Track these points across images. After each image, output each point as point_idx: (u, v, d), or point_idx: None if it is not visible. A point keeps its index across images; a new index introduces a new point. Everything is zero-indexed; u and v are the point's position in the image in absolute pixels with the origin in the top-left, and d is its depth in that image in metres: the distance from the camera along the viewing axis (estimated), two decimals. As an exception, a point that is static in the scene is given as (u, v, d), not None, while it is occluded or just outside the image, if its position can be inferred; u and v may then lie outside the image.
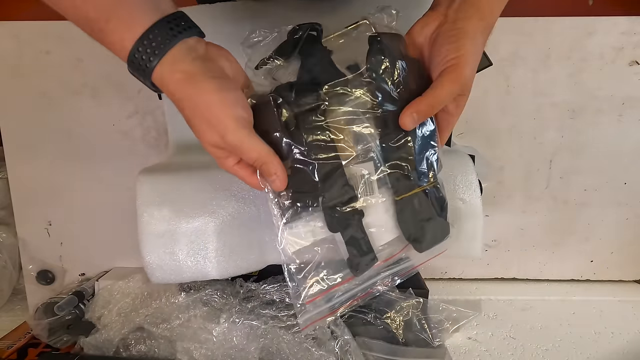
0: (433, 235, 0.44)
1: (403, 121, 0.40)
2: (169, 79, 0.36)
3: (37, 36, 0.77)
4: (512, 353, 0.69)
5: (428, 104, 0.40)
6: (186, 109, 0.37)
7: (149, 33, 0.34)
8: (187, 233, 0.54)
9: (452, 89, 0.39)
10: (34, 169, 0.80)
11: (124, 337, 0.62)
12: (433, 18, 0.42)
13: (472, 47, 0.39)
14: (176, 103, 0.37)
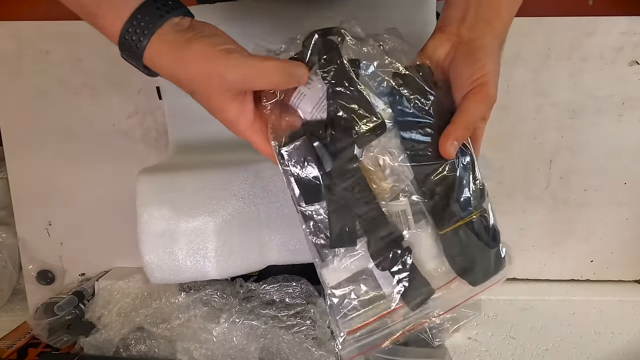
0: (485, 268, 0.42)
1: (446, 150, 0.39)
2: (157, 51, 0.35)
3: (37, 36, 0.77)
4: (512, 353, 0.69)
5: (464, 127, 0.39)
6: (181, 74, 0.36)
7: (137, 14, 0.34)
8: (186, 233, 0.54)
9: (482, 108, 0.39)
10: (34, 169, 0.80)
11: (124, 337, 0.62)
12: (445, 39, 0.42)
13: (494, 64, 0.40)
14: (172, 75, 0.36)
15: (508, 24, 0.42)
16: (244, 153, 0.60)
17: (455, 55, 0.41)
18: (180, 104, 0.66)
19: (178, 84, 0.37)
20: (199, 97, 0.37)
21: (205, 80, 0.35)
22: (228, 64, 0.35)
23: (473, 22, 0.40)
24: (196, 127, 0.65)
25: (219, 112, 0.38)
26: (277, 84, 0.37)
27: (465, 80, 0.39)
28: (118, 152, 0.79)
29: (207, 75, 0.35)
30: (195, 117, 0.66)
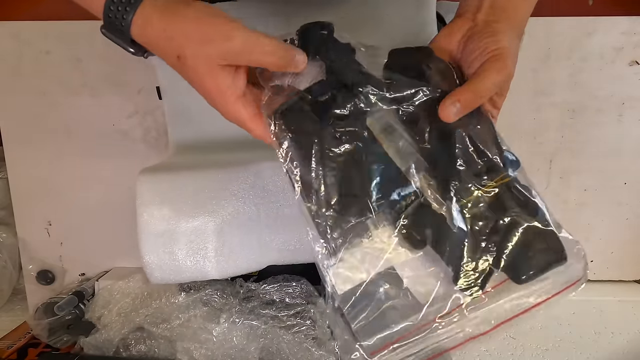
0: (526, 258, 0.31)
1: (445, 111, 0.34)
2: (148, 16, 0.33)
3: (37, 36, 0.77)
4: (512, 353, 0.69)
5: (472, 91, 0.36)
6: (176, 38, 0.33)
7: None
8: (186, 233, 0.54)
9: (498, 78, 0.36)
10: (34, 169, 0.80)
11: (124, 337, 0.62)
12: (460, 24, 0.41)
13: (510, 42, 0.38)
14: (165, 37, 0.34)
15: (526, 17, 0.42)
16: (244, 153, 0.60)
17: (469, 37, 0.40)
18: (180, 104, 0.66)
19: (166, 50, 0.34)
20: (189, 61, 0.34)
21: (204, 41, 0.33)
22: (233, 28, 0.33)
23: (490, 9, 0.40)
24: (196, 127, 0.65)
25: (209, 79, 0.34)
26: (276, 63, 0.35)
27: (482, 52, 0.37)
28: (118, 152, 0.79)
29: (207, 35, 0.33)
30: (195, 117, 0.66)
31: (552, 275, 0.33)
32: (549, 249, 0.32)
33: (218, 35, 0.33)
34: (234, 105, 0.36)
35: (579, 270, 0.33)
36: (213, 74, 0.34)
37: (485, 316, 0.34)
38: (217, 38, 0.33)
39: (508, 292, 0.33)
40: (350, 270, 0.33)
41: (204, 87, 0.35)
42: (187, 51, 0.33)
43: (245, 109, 0.36)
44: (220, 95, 0.35)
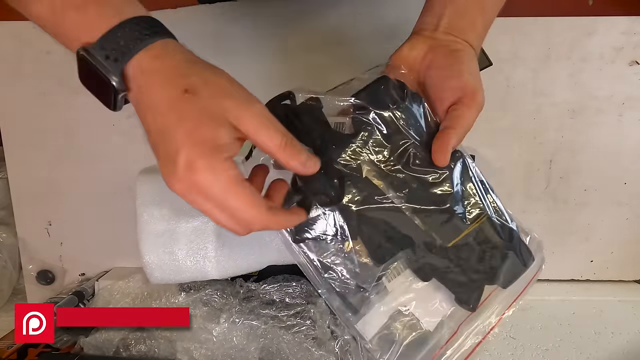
0: (510, 268, 0.41)
1: (444, 158, 0.38)
2: (173, 51, 0.31)
3: (37, 36, 0.77)
4: (512, 353, 0.69)
5: (459, 135, 0.39)
6: (191, 77, 0.30)
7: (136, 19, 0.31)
8: (186, 233, 0.54)
9: (475, 115, 0.39)
10: (34, 169, 0.80)
11: (124, 337, 0.62)
12: (421, 41, 0.41)
13: (477, 68, 0.40)
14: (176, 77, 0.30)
15: (483, 32, 0.42)
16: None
17: (433, 58, 0.40)
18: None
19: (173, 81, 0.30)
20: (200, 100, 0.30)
21: (225, 94, 0.31)
22: (253, 98, 0.32)
23: (448, 28, 0.40)
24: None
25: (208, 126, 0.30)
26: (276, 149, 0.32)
27: (454, 85, 0.39)
28: (118, 152, 0.79)
29: (228, 90, 0.31)
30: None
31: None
32: (523, 257, 0.42)
33: (239, 97, 0.31)
34: (225, 162, 0.30)
35: (541, 257, 0.45)
36: (217, 122, 0.30)
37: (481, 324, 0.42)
38: (238, 99, 0.31)
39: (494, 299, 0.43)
40: (372, 318, 0.40)
41: (199, 133, 0.30)
42: (204, 88, 0.30)
43: (233, 169, 0.31)
44: (214, 149, 0.30)
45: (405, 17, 0.46)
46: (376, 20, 0.70)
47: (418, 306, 0.41)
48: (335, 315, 0.60)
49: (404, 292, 0.41)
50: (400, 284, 0.41)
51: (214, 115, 0.30)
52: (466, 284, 0.40)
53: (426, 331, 0.40)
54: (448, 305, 0.41)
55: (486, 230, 0.40)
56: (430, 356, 0.40)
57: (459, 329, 0.41)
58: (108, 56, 0.30)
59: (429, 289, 0.41)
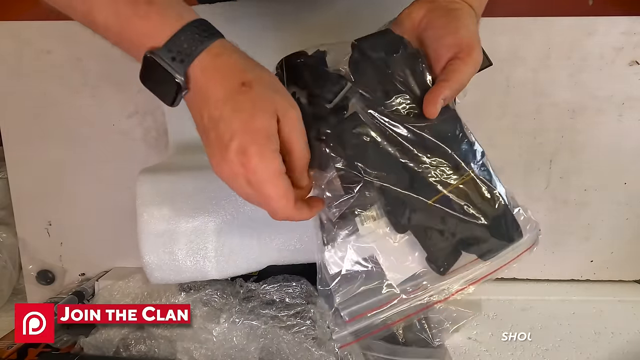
0: (489, 239, 0.38)
1: (433, 108, 0.37)
2: (229, 50, 0.34)
3: (37, 36, 0.77)
4: (512, 353, 0.69)
5: (453, 88, 0.37)
6: (249, 73, 0.34)
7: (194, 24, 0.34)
8: (186, 233, 0.54)
9: (471, 71, 0.38)
10: (34, 169, 0.80)
11: (124, 337, 0.62)
12: (419, 5, 0.41)
13: (474, 28, 0.39)
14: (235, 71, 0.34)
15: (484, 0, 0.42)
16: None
17: (431, 18, 0.40)
18: (181, 104, 0.66)
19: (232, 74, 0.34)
20: (254, 91, 0.33)
21: (275, 90, 0.35)
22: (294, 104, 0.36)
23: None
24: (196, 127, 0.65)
25: (261, 116, 0.33)
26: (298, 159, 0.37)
27: (451, 42, 0.38)
28: (118, 152, 0.79)
29: (278, 89, 0.35)
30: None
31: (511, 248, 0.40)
32: (508, 228, 0.39)
33: (284, 93, 0.35)
34: (273, 153, 0.34)
35: (532, 239, 0.41)
36: (270, 114, 0.33)
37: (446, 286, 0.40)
38: (283, 94, 0.35)
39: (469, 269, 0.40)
40: (339, 256, 0.40)
41: (254, 122, 0.33)
42: (259, 82, 0.34)
43: (278, 160, 0.34)
44: (267, 138, 0.33)
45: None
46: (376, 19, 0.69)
47: (387, 258, 0.40)
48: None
49: (376, 239, 0.39)
50: (374, 231, 0.39)
51: (267, 108, 0.33)
52: (440, 245, 0.38)
53: (388, 284, 0.39)
54: (418, 266, 0.40)
55: (469, 192, 0.38)
56: (382, 303, 0.40)
57: (421, 287, 0.40)
58: (174, 58, 0.33)
59: (403, 245, 0.40)
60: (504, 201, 0.39)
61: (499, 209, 0.38)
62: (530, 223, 0.40)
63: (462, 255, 0.39)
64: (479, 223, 0.38)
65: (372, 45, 0.40)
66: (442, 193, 0.38)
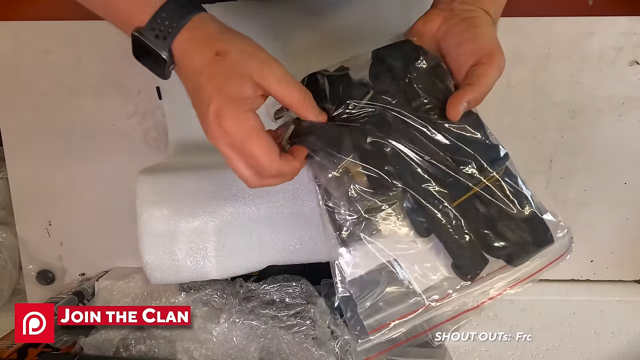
0: (519, 242, 0.36)
1: (455, 112, 0.37)
2: (206, 23, 0.36)
3: (37, 36, 0.77)
4: (512, 353, 0.69)
5: (478, 92, 0.37)
6: (222, 41, 0.35)
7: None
8: (186, 233, 0.54)
9: (496, 76, 0.38)
10: (34, 169, 0.80)
11: (124, 337, 0.62)
12: (437, 13, 0.41)
13: (494, 30, 0.40)
14: (209, 42, 0.36)
15: (500, 4, 0.42)
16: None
17: (448, 27, 0.40)
18: (180, 104, 0.66)
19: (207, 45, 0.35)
20: (228, 58, 0.35)
21: (249, 54, 0.35)
22: (273, 59, 0.36)
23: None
24: (196, 127, 0.65)
25: (236, 82, 0.35)
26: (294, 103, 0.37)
27: (472, 48, 0.38)
28: (118, 152, 0.79)
29: (251, 51, 0.36)
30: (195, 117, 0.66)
31: (542, 254, 0.38)
32: (536, 232, 0.37)
33: (261, 58, 0.36)
34: (246, 113, 0.35)
35: (564, 245, 0.39)
36: (243, 79, 0.35)
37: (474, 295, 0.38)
38: (261, 60, 0.36)
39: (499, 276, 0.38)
40: (359, 258, 0.38)
41: (227, 88, 0.35)
42: (232, 50, 0.35)
43: (254, 119, 0.36)
44: (238, 101, 0.35)
45: (407, 16, 0.46)
46: (377, 19, 0.69)
47: (411, 263, 0.37)
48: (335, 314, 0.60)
49: (399, 242, 0.37)
50: (396, 232, 0.37)
51: (240, 73, 0.35)
52: (467, 250, 0.36)
53: (412, 290, 0.37)
54: (444, 271, 0.37)
55: (495, 193, 0.37)
56: (407, 312, 0.37)
57: (447, 296, 0.37)
58: (157, 36, 0.35)
59: (427, 249, 0.37)
60: (532, 204, 0.38)
61: (527, 212, 0.37)
62: (560, 229, 0.38)
63: (491, 262, 0.37)
64: (506, 226, 0.37)
65: (392, 53, 0.40)
66: (467, 195, 0.37)
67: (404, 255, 0.37)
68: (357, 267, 0.38)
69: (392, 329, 0.37)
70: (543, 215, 0.38)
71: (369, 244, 0.37)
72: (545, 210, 0.39)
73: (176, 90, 0.66)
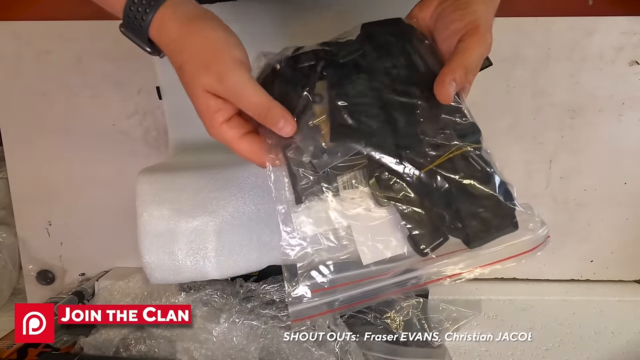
0: (479, 227, 0.34)
1: (444, 91, 0.35)
2: (170, 21, 0.35)
3: (38, 36, 0.77)
4: (512, 353, 0.69)
5: (463, 67, 0.35)
6: (184, 52, 0.35)
7: None
8: (186, 233, 0.54)
9: (480, 51, 0.36)
10: (34, 169, 0.80)
11: (124, 337, 0.62)
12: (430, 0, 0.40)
13: (486, 12, 0.37)
14: (174, 47, 0.35)
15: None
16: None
17: (442, 9, 0.39)
18: (180, 104, 0.66)
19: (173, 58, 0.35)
20: (187, 76, 0.35)
21: (203, 68, 0.34)
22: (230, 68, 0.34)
23: None
24: (196, 127, 0.65)
25: (200, 99, 0.35)
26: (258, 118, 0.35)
27: (457, 26, 0.37)
28: (118, 152, 0.79)
29: (207, 65, 0.34)
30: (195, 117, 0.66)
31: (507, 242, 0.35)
32: (498, 216, 0.34)
33: (215, 70, 0.34)
34: (220, 127, 0.36)
35: (536, 240, 0.36)
36: (205, 96, 0.35)
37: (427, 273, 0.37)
38: (213, 72, 0.34)
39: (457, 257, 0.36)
40: (312, 218, 0.36)
41: (195, 103, 0.36)
42: (188, 67, 0.35)
43: (230, 130, 0.36)
44: (208, 116, 0.36)
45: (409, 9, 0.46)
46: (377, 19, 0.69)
47: (363, 233, 0.35)
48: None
49: (356, 209, 0.36)
50: (354, 199, 0.36)
51: (198, 91, 0.35)
52: (424, 224, 0.34)
53: (357, 262, 0.35)
54: (398, 247, 0.36)
55: (461, 167, 0.35)
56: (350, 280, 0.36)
57: (393, 270, 0.36)
58: (132, 31, 0.36)
59: (385, 221, 0.36)
60: (497, 185, 0.36)
61: (491, 193, 0.35)
62: (534, 222, 0.36)
63: (452, 242, 0.35)
64: (467, 205, 0.34)
65: (381, 28, 0.41)
66: (430, 166, 0.35)
67: (359, 224, 0.36)
68: (306, 226, 0.36)
69: (332, 294, 0.36)
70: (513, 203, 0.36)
71: (326, 204, 0.36)
72: (514, 199, 0.36)
73: (176, 90, 0.66)
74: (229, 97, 0.35)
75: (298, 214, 0.36)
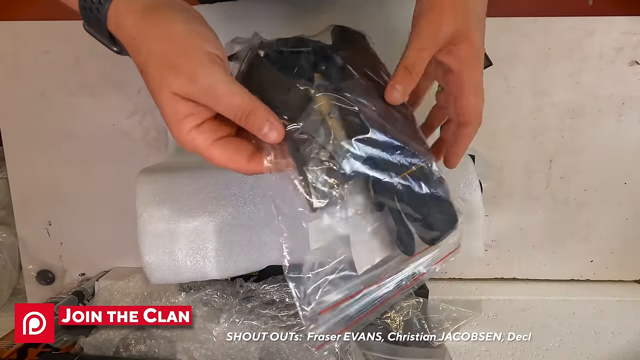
0: (440, 220, 0.37)
1: (391, 97, 0.34)
2: (125, 14, 0.30)
3: (36, 36, 0.77)
4: (512, 353, 0.69)
5: (403, 66, 0.33)
6: (143, 52, 0.30)
7: None
8: (186, 233, 0.54)
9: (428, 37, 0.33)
10: (34, 169, 0.80)
11: (124, 337, 0.62)
12: None
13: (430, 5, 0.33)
14: (133, 46, 0.31)
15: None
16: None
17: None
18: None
19: (133, 59, 0.31)
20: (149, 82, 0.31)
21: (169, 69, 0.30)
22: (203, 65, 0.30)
23: None
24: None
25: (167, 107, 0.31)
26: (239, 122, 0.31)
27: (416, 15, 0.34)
28: (118, 152, 0.79)
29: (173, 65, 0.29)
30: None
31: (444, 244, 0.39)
32: (448, 217, 0.38)
33: (184, 70, 0.29)
34: (189, 134, 0.31)
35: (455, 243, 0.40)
36: (173, 99, 0.30)
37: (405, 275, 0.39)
38: (182, 73, 0.29)
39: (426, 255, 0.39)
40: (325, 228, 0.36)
41: (161, 108, 0.31)
42: (150, 69, 0.30)
43: (200, 137, 0.31)
44: (176, 122, 0.31)
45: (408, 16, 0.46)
46: (377, 19, 0.69)
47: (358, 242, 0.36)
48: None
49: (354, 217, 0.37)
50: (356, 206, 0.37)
51: (162, 96, 0.30)
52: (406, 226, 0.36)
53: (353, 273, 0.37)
54: (386, 250, 0.38)
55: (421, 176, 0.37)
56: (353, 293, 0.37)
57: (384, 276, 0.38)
58: (96, 31, 0.32)
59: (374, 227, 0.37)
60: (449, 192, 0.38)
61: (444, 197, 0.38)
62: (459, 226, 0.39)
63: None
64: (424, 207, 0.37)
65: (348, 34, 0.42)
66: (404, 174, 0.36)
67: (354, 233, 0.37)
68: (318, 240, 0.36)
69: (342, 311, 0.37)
70: None
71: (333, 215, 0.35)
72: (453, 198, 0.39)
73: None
74: (203, 100, 0.30)
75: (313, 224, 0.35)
